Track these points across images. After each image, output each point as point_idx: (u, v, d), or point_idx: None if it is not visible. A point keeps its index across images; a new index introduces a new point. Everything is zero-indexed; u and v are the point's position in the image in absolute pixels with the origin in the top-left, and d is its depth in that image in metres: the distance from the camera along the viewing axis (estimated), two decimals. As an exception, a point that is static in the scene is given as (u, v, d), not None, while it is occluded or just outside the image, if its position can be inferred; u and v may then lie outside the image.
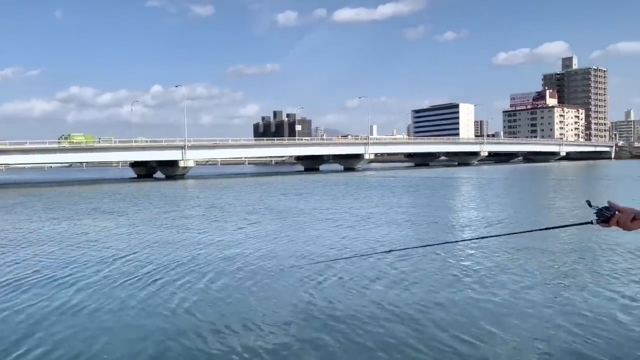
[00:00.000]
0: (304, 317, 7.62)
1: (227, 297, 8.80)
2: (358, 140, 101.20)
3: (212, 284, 9.73)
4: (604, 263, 10.74)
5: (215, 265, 11.37)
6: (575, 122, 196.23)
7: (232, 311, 7.96)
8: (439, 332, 6.81)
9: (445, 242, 9.78)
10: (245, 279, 10.05)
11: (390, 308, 7.93)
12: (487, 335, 6.64)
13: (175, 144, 72.09)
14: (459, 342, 6.44)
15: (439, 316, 7.46)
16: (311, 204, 26.92)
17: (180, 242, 14.99)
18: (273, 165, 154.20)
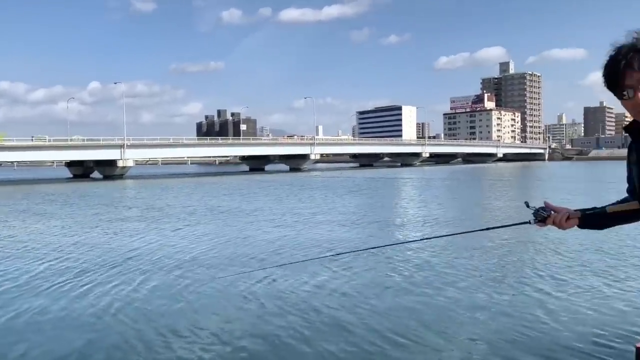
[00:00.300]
0: (238, 325, 7.42)
1: (156, 304, 8.44)
2: (304, 140, 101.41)
3: (142, 290, 9.31)
4: (541, 261, 11.13)
5: (147, 270, 10.92)
6: (511, 124, 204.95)
7: (159, 319, 7.63)
8: (369, 334, 6.79)
9: (385, 245, 9.90)
10: (178, 284, 9.69)
11: (327, 312, 7.86)
12: (424, 338, 6.68)
13: (114, 143, 69.61)
14: (394, 345, 6.45)
15: (373, 320, 7.45)
16: (254, 204, 26.62)
17: (113, 245, 14.39)
18: (217, 165, 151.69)
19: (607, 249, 11.95)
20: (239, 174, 78.77)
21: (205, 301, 8.51)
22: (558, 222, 2.33)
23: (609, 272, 9.82)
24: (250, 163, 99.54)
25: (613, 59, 2.08)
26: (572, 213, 2.32)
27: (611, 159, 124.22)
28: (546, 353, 5.94)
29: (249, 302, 8.33)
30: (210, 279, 9.95)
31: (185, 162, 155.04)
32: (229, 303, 8.32)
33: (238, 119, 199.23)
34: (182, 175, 77.23)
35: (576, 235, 13.50)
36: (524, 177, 57.79)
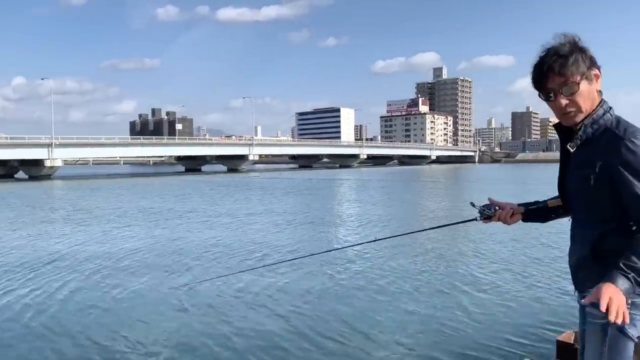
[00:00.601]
0: (159, 332, 7.12)
1: (73, 310, 7.97)
2: (242, 141, 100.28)
3: (58, 296, 8.75)
4: (465, 261, 11.47)
5: (66, 275, 10.30)
6: (444, 128, 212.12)
7: (75, 327, 7.19)
8: (295, 340, 6.71)
9: (321, 252, 9.91)
10: (98, 290, 9.19)
11: (254, 318, 7.71)
12: (349, 341, 6.66)
13: (41, 142, 65.85)
14: (319, 349, 6.40)
15: (301, 325, 7.38)
16: (187, 206, 25.96)
17: (34, 248, 13.51)
18: (151, 165, 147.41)
19: (527, 247, 12.51)
20: (174, 175, 76.77)
21: (126, 308, 8.11)
22: (503, 218, 2.43)
23: (528, 270, 10.26)
24: (186, 163, 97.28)
25: (538, 62, 2.14)
26: (516, 209, 2.43)
27: (536, 162, 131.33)
28: (470, 351, 6.07)
29: (173, 309, 8.02)
30: (133, 284, 9.52)
31: (118, 163, 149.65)
32: (151, 309, 7.97)
33: (173, 118, 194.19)
34: (114, 176, 74.26)
35: (501, 235, 14.06)
36: (456, 179, 59.85)
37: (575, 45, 2.10)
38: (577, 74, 2.06)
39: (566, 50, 2.08)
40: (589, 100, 2.11)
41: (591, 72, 2.09)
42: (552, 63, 2.07)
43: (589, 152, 2.12)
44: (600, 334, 2.12)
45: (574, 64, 2.06)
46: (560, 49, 2.08)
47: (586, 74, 2.08)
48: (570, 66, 2.06)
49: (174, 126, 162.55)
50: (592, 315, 2.16)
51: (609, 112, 2.13)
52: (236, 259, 11.83)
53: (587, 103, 2.11)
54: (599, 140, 2.09)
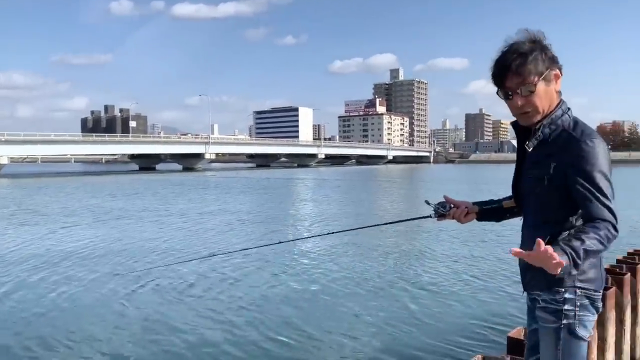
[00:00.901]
0: (115, 329, 6.84)
1: (26, 312, 7.58)
2: (198, 139, 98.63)
3: (9, 296, 8.35)
4: (418, 259, 11.58)
5: (14, 274, 9.83)
6: (401, 128, 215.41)
7: (30, 328, 6.83)
8: (249, 337, 6.58)
9: (273, 243, 9.80)
10: (39, 293, 8.79)
11: (207, 314, 7.51)
12: (301, 341, 6.57)
13: (-16, 138, 62.88)
14: (267, 349, 6.28)
15: (254, 323, 7.24)
16: (139, 205, 25.26)
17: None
18: (104, 164, 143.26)
19: (476, 246, 12.76)
20: (127, 173, 74.74)
21: (83, 305, 7.77)
22: (457, 217, 2.41)
23: (478, 268, 10.44)
24: (140, 162, 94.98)
25: (498, 58, 2.09)
26: (471, 207, 2.42)
27: (489, 162, 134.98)
28: (420, 352, 6.07)
29: (112, 312, 7.71)
30: (72, 285, 9.13)
31: (69, 161, 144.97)
32: (89, 312, 7.64)
33: (127, 115, 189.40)
34: (63, 174, 71.59)
35: (452, 234, 14.29)
36: (411, 179, 60.77)
37: (536, 43, 2.06)
38: (535, 74, 2.03)
39: (526, 48, 2.04)
40: (546, 101, 2.09)
41: (551, 72, 2.06)
42: (510, 62, 2.04)
43: (544, 152, 2.10)
44: (553, 336, 2.12)
45: (532, 63, 2.02)
46: (520, 47, 2.04)
47: (545, 74, 2.05)
48: (528, 66, 2.02)
49: (127, 123, 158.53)
50: (543, 319, 2.17)
51: (567, 114, 2.11)
52: (182, 257, 11.52)
53: (544, 103, 2.09)
54: (555, 141, 2.07)
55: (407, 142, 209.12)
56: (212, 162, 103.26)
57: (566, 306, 2.08)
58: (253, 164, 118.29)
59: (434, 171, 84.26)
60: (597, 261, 2.11)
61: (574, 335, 2.08)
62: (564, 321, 2.09)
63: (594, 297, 2.11)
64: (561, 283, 2.08)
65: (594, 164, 1.95)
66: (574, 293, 2.08)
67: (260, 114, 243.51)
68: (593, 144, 1.97)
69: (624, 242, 11.95)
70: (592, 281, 2.09)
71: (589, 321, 2.11)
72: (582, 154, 1.97)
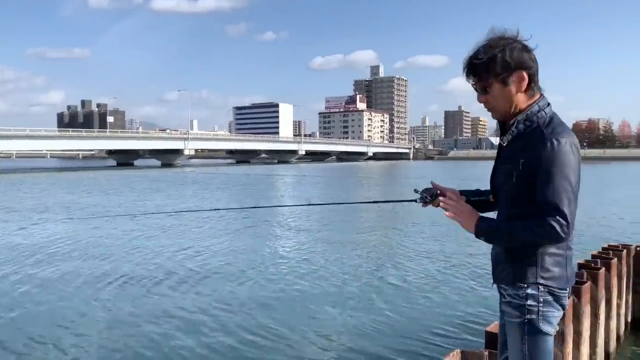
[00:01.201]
0: (77, 329, 6.70)
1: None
2: (177, 134, 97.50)
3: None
4: (396, 251, 11.60)
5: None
6: (381, 125, 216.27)
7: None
8: (222, 333, 6.50)
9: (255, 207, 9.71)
10: (17, 287, 8.60)
11: (169, 323, 7.40)
12: (277, 334, 6.52)
13: (-45, 132, 61.24)
14: (245, 342, 6.21)
15: (227, 317, 7.16)
16: (114, 200, 24.87)
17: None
18: (81, 159, 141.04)
19: (453, 239, 12.83)
20: (104, 169, 73.69)
21: (48, 302, 7.58)
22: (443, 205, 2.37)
23: (455, 261, 10.50)
24: (118, 158, 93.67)
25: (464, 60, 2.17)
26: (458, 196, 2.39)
27: (467, 159, 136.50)
28: (399, 345, 6.07)
29: (76, 313, 7.56)
30: (56, 279, 8.93)
31: (45, 156, 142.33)
32: (73, 301, 7.48)
33: (105, 110, 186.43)
34: (38, 170, 70.22)
35: (429, 227, 14.36)
36: (392, 175, 61.07)
37: (496, 45, 2.09)
38: (489, 77, 2.11)
39: (483, 52, 2.10)
40: (503, 102, 2.14)
41: (512, 74, 2.08)
42: (467, 64, 2.15)
43: (516, 148, 2.13)
44: (518, 331, 2.17)
45: (486, 67, 2.09)
46: (478, 52, 2.12)
47: (502, 76, 2.08)
48: (481, 69, 2.11)
49: (105, 119, 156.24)
50: (508, 314, 2.21)
51: (543, 110, 2.12)
52: (150, 254, 11.37)
53: (501, 104, 2.15)
54: (527, 138, 2.09)
55: (387, 139, 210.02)
56: (191, 158, 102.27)
57: (529, 301, 2.12)
58: (233, 160, 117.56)
59: (413, 168, 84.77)
60: (563, 260, 2.13)
61: (537, 331, 2.12)
62: (528, 316, 2.12)
63: (558, 294, 2.13)
64: (524, 279, 2.12)
65: (555, 164, 1.97)
66: (536, 289, 2.11)
67: (240, 109, 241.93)
68: (559, 143, 1.98)
69: (599, 237, 12.18)
70: (556, 279, 2.12)
71: (553, 317, 2.14)
72: (546, 153, 1.99)
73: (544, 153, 1.99)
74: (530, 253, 2.10)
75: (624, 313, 5.87)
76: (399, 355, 5.66)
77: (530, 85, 2.11)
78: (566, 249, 2.13)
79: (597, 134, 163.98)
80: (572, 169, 1.98)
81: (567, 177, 1.97)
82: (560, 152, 1.97)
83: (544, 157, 1.99)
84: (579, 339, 4.25)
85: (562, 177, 1.97)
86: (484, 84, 2.13)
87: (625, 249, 5.89)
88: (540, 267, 2.10)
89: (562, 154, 1.97)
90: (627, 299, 6.04)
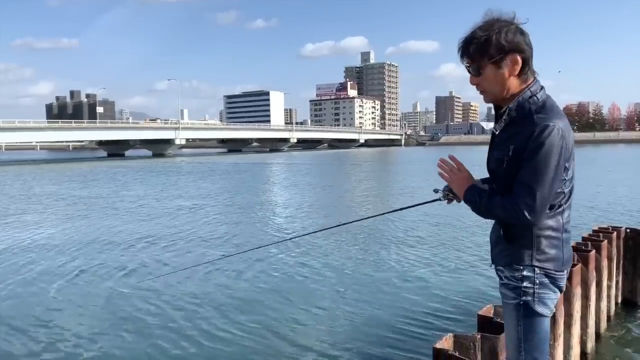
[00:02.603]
0: (66, 317, 6.71)
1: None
2: (168, 124, 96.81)
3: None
4: (391, 238, 11.66)
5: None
6: (372, 112, 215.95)
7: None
8: (210, 325, 6.54)
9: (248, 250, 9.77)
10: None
11: (156, 314, 7.43)
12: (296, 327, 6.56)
13: (-58, 125, 60.44)
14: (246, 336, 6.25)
15: (214, 307, 7.19)
16: (97, 191, 24.75)
17: None
18: (71, 151, 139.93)
19: (445, 224, 12.94)
20: (94, 160, 73.25)
21: (22, 296, 7.58)
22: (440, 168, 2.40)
23: (449, 246, 10.59)
24: (108, 148, 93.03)
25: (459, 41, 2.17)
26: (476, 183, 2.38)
27: (459, 144, 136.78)
28: (392, 330, 6.13)
29: (50, 305, 7.57)
30: (38, 272, 8.92)
31: (34, 148, 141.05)
32: (60, 291, 7.49)
33: (94, 100, 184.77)
34: (27, 162, 69.63)
35: (421, 214, 14.44)
36: (384, 161, 61.15)
37: (491, 27, 2.07)
38: (481, 59, 2.10)
39: (478, 33, 2.09)
40: (496, 85, 2.13)
41: (505, 57, 2.07)
42: (461, 45, 2.15)
43: (507, 134, 2.14)
44: (514, 312, 2.20)
45: (479, 49, 2.09)
46: (474, 33, 2.10)
47: (495, 58, 2.08)
48: (474, 51, 2.10)
49: (94, 109, 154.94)
50: (505, 295, 2.26)
51: (536, 96, 2.11)
52: (130, 246, 11.37)
53: (494, 87, 2.14)
54: (518, 124, 2.09)
55: (378, 126, 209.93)
56: (183, 148, 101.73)
57: (525, 283, 2.14)
58: (224, 150, 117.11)
59: (405, 154, 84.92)
60: (559, 242, 2.15)
61: (533, 312, 2.14)
62: (523, 298, 2.15)
63: (554, 276, 2.16)
64: (520, 261, 2.14)
65: (537, 148, 1.98)
66: (532, 271, 2.13)
67: (230, 98, 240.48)
68: (546, 128, 1.98)
69: (588, 220, 12.31)
70: (551, 260, 2.14)
71: (549, 299, 2.16)
72: (532, 137, 1.99)
73: (530, 137, 1.99)
74: (526, 235, 2.12)
75: (614, 294, 5.97)
76: (392, 341, 5.71)
77: (524, 69, 2.11)
78: (562, 231, 2.15)
79: (587, 117, 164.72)
80: (554, 154, 1.98)
81: (548, 163, 1.98)
82: (545, 138, 1.97)
83: (530, 141, 1.99)
84: (569, 321, 4.32)
85: (542, 162, 1.98)
86: (477, 67, 2.13)
87: (615, 231, 5.97)
88: (536, 249, 2.12)
89: (547, 139, 1.97)
90: (617, 280, 6.14)
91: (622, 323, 5.93)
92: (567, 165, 2.05)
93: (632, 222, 11.48)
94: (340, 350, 5.52)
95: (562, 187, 2.09)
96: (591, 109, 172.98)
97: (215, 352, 5.61)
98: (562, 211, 2.15)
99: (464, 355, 2.70)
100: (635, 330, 5.78)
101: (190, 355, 5.56)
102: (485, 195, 2.16)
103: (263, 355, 5.50)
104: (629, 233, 6.23)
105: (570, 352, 4.33)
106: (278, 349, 5.63)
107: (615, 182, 24.57)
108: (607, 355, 5.09)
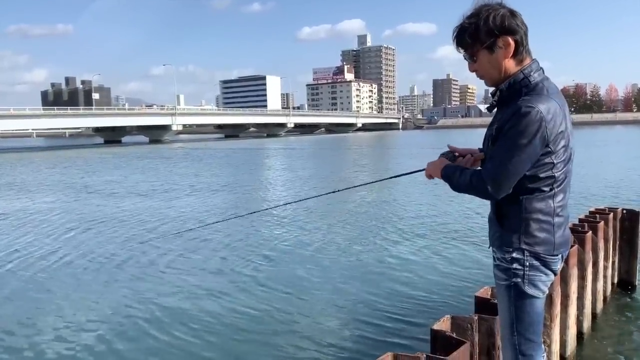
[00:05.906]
0: (60, 304, 6.75)
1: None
2: (164, 110, 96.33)
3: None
4: (389, 221, 11.69)
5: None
6: (369, 96, 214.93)
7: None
8: (202, 309, 6.58)
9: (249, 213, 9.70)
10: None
11: (160, 301, 7.46)
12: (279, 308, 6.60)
13: (-63, 114, 60.03)
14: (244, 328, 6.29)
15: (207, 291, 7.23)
16: (89, 178, 24.73)
17: None
18: (67, 138, 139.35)
19: (444, 204, 12.96)
20: (90, 147, 72.99)
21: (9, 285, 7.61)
22: (464, 165, 2.38)
23: (446, 226, 10.63)
24: (105, 135, 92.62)
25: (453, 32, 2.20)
26: (477, 155, 2.40)
27: (456, 127, 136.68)
28: (389, 311, 6.16)
29: (32, 295, 7.60)
30: (25, 266, 8.95)
31: (30, 135, 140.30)
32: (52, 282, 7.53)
33: (89, 87, 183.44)
34: (24, 150, 69.39)
35: (418, 194, 14.46)
36: (381, 145, 61.08)
37: (480, 13, 2.08)
38: (474, 46, 2.13)
39: (467, 21, 2.12)
40: (492, 69, 2.15)
41: (497, 40, 2.08)
42: (454, 35, 2.18)
43: (497, 116, 2.18)
44: (505, 294, 2.23)
45: (470, 36, 2.11)
46: (464, 22, 2.13)
47: (486, 43, 2.09)
48: (467, 38, 2.13)
49: (90, 96, 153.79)
50: (497, 276, 2.30)
51: (528, 77, 2.10)
52: (119, 234, 11.40)
53: (490, 71, 2.16)
54: (508, 104, 2.10)
55: (375, 109, 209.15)
56: (180, 134, 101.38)
57: (514, 265, 2.17)
58: (222, 135, 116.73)
59: (402, 137, 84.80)
60: (549, 226, 2.16)
61: (523, 293, 2.18)
62: (514, 279, 2.18)
63: (545, 259, 2.17)
64: (509, 243, 2.17)
65: (511, 129, 1.99)
66: (521, 253, 2.15)
67: (227, 83, 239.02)
68: (525, 109, 1.97)
69: (584, 201, 12.35)
70: (540, 244, 2.15)
71: (540, 281, 2.18)
72: (511, 118, 2.00)
73: (510, 118, 2.00)
74: (515, 218, 2.15)
75: (610, 275, 6.01)
76: (389, 322, 5.75)
77: (519, 50, 2.10)
78: (554, 216, 2.16)
79: (584, 99, 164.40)
80: (527, 134, 1.97)
81: (517, 142, 1.98)
82: (521, 117, 1.97)
83: (509, 121, 2.01)
84: (566, 301, 4.36)
85: (511, 140, 1.99)
86: (471, 53, 2.16)
87: (611, 212, 5.99)
88: (524, 232, 2.14)
89: (522, 119, 1.96)
90: (614, 260, 6.18)
91: (618, 303, 5.98)
92: (551, 148, 2.03)
93: (628, 203, 11.52)
94: (336, 335, 5.55)
95: (551, 171, 2.08)
96: (589, 90, 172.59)
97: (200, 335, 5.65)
98: (554, 195, 2.14)
99: (461, 336, 2.73)
100: (631, 310, 5.84)
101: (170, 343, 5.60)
102: (459, 169, 2.22)
103: (254, 340, 5.53)
104: (626, 214, 6.25)
105: (567, 332, 4.37)
106: (271, 333, 5.66)
107: (612, 164, 24.59)
108: (604, 335, 5.14)
